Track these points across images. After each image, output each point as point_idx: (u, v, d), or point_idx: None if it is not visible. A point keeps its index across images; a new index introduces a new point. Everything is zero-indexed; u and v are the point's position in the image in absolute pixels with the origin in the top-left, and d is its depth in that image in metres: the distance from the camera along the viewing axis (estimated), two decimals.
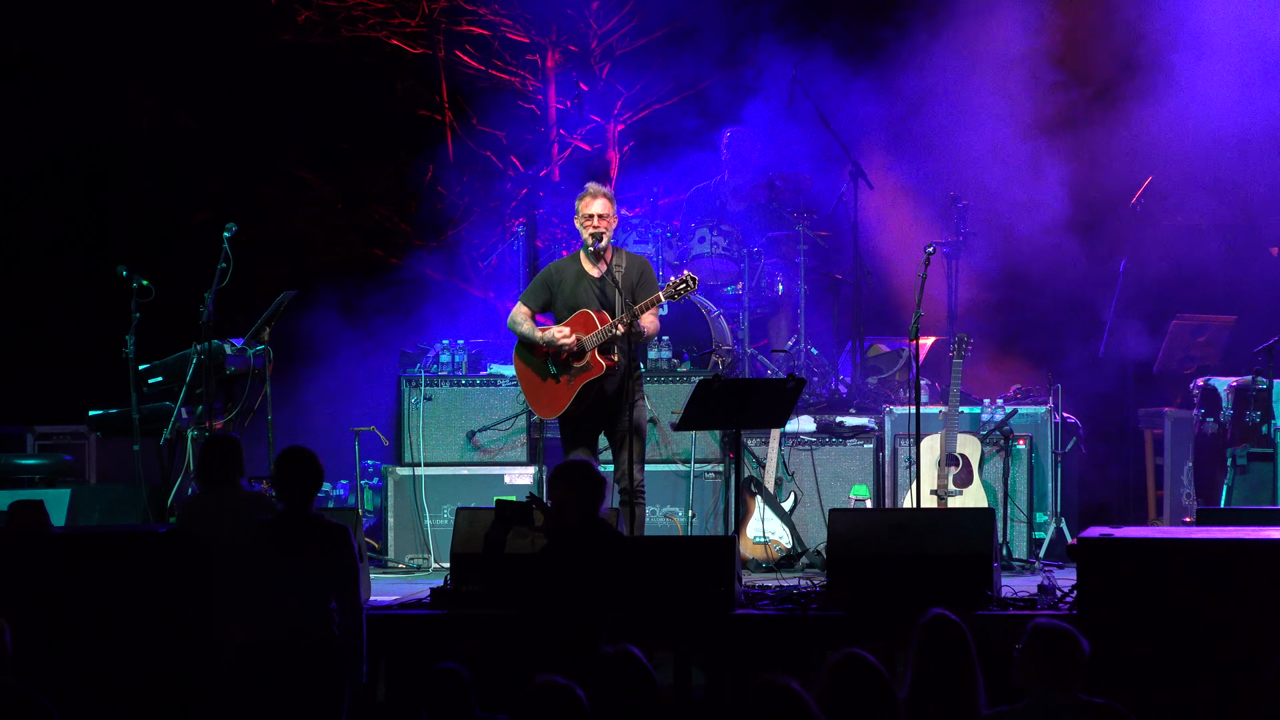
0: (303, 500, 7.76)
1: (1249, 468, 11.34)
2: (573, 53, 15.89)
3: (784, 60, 13.17)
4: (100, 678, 8.36)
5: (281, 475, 7.80)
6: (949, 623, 6.45)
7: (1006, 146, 13.02)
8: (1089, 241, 13.02)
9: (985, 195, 12.89)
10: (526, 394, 10.48)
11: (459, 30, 15.79)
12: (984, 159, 13.09)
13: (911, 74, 13.31)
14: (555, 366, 10.22)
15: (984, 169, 13.03)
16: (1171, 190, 12.93)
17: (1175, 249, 12.94)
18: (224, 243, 10.99)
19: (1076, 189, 13.11)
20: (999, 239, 13.08)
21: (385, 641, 8.89)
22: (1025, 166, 12.97)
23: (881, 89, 13.51)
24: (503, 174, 15.61)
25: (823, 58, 13.57)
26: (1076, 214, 13.09)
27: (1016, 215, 13.07)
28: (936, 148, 13.41)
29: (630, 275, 10.21)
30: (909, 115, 13.51)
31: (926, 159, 13.52)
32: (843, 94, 13.43)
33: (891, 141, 13.58)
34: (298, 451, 7.84)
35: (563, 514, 7.79)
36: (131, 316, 11.10)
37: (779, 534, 11.47)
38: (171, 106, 15.56)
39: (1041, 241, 12.97)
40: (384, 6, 15.68)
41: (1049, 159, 13.05)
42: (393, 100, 15.86)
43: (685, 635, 8.90)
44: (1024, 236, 13.08)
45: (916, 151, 13.52)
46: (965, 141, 13.25)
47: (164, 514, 10.85)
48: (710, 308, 12.43)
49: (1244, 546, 8.00)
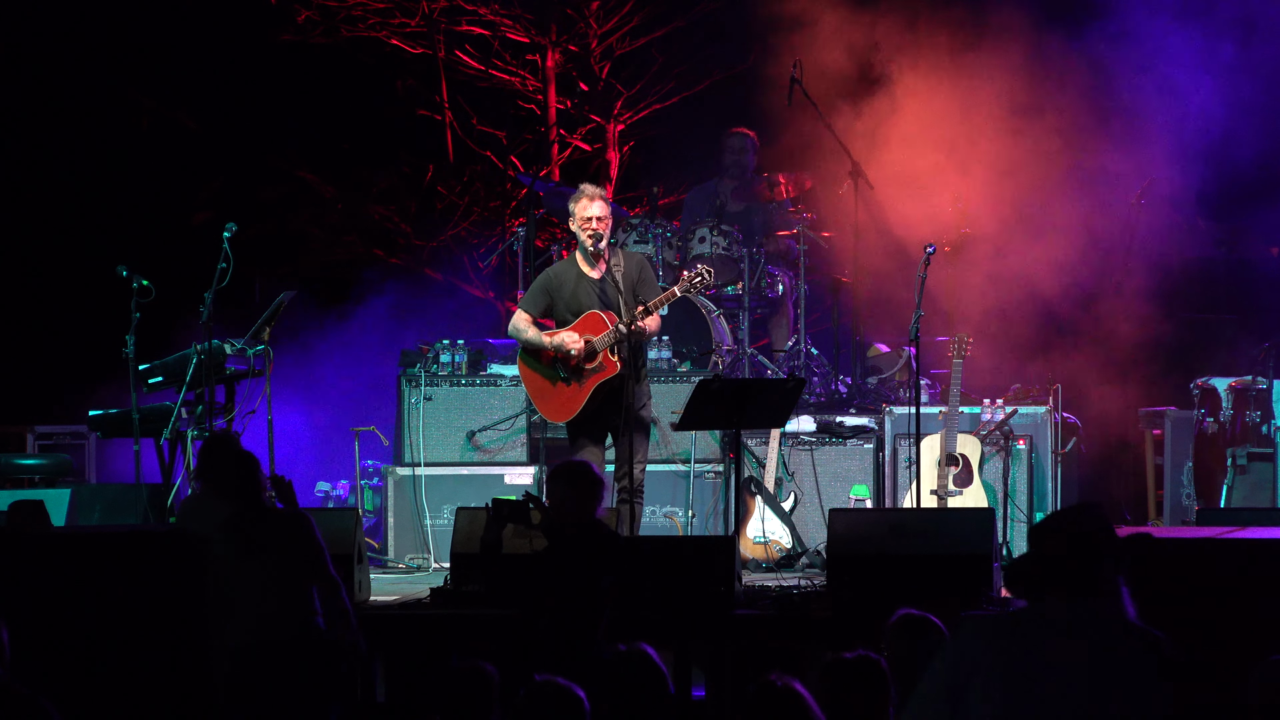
0: (247, 494, 7.55)
1: (1249, 468, 11.34)
2: (573, 53, 15.90)
3: (784, 60, 13.15)
4: (100, 678, 8.35)
5: (205, 468, 7.61)
6: (920, 621, 6.45)
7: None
8: (1089, 241, 13.01)
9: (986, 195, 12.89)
10: (535, 400, 10.45)
11: (459, 30, 15.81)
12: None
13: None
14: (564, 370, 10.21)
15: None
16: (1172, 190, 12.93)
17: (1174, 248, 12.93)
18: (224, 243, 10.99)
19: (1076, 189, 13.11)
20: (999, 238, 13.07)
21: (385, 641, 8.89)
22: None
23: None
24: (503, 174, 15.62)
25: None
26: (1077, 213, 13.09)
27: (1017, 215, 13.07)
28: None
29: (630, 274, 10.21)
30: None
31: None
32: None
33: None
34: (216, 440, 7.68)
35: (560, 514, 7.79)
36: (131, 316, 11.10)
37: (779, 534, 11.46)
38: (171, 106, 15.57)
39: (1042, 241, 12.96)
40: (384, 6, 15.69)
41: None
42: (393, 100, 15.86)
43: (685, 635, 8.90)
44: (1024, 236, 13.08)
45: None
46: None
47: (164, 514, 10.84)
48: (710, 308, 12.43)
49: (1244, 546, 8.00)
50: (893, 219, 13.03)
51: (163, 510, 10.91)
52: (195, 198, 15.53)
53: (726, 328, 12.49)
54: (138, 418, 11.15)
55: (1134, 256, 12.78)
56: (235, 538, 7.56)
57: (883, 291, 13.06)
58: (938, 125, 12.76)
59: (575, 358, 10.10)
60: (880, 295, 13.09)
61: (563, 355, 10.14)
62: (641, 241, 12.47)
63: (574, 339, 10.12)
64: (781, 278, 12.84)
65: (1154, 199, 12.78)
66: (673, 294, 10.15)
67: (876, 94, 12.84)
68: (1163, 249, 12.95)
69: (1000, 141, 12.78)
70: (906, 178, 12.67)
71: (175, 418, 11.24)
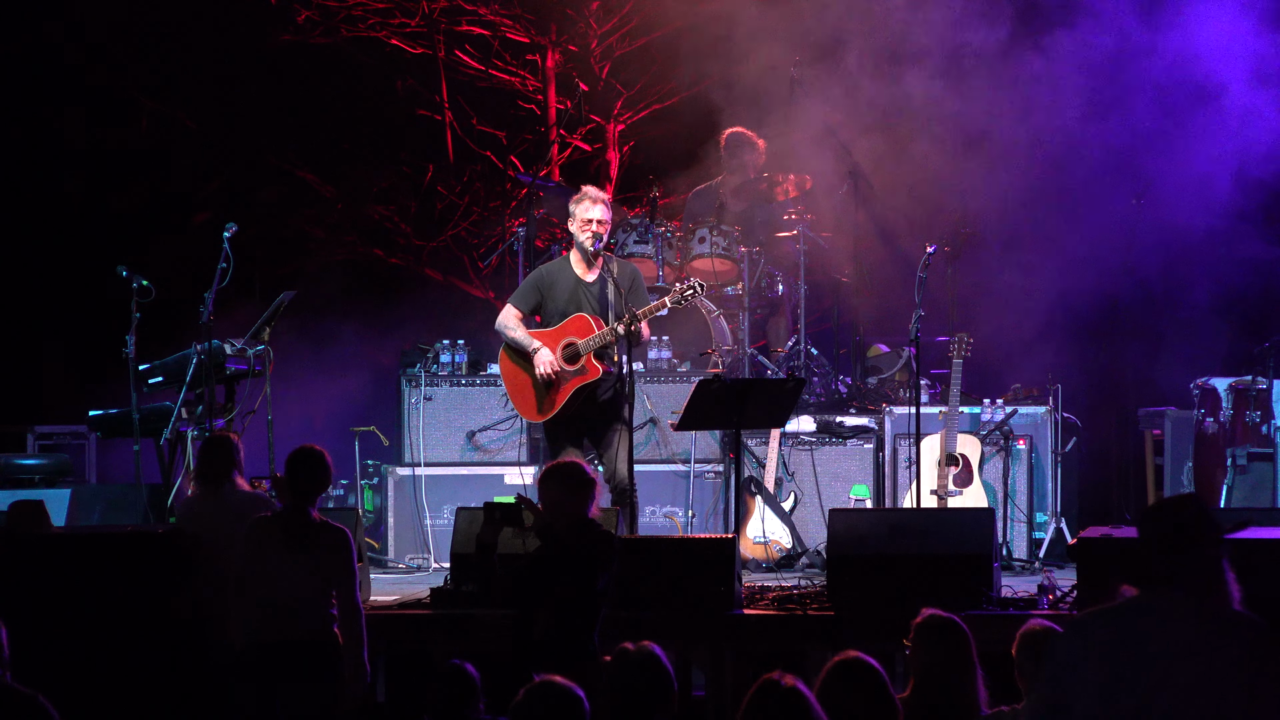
0: (304, 499, 7.77)
1: (1249, 468, 11.34)
2: (573, 53, 15.90)
3: (784, 59, 13.15)
4: (100, 678, 8.35)
5: (288, 473, 7.82)
6: (945, 622, 6.45)
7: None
8: (1091, 240, 13.01)
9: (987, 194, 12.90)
10: (512, 395, 10.47)
11: (459, 30, 15.80)
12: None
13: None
14: None
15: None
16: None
17: (1175, 248, 12.94)
18: (224, 243, 10.99)
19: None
20: (1000, 238, 13.08)
21: (385, 641, 8.89)
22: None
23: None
24: (503, 174, 15.62)
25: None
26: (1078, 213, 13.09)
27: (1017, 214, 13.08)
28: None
29: (621, 282, 10.20)
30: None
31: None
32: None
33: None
34: (307, 452, 7.87)
35: (552, 514, 7.79)
36: (131, 316, 11.10)
37: (779, 534, 11.47)
38: (171, 106, 15.57)
39: (1043, 241, 12.97)
40: (384, 6, 15.69)
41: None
42: (393, 100, 15.86)
43: (685, 635, 8.90)
44: (1025, 236, 13.09)
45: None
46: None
47: (164, 514, 10.84)
48: (710, 308, 12.43)
49: (1244, 546, 7.99)
50: (893, 218, 13.07)
51: (163, 510, 10.91)
52: (195, 198, 15.53)
53: (726, 328, 12.49)
54: (138, 418, 11.15)
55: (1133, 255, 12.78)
56: (277, 536, 7.65)
57: (883, 291, 13.07)
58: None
59: (545, 375, 10.12)
60: (880, 295, 13.10)
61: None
62: (641, 242, 12.47)
63: (545, 360, 10.12)
64: (781, 278, 12.84)
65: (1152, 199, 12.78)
66: (662, 304, 10.14)
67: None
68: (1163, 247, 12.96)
69: (1001, 142, 12.81)
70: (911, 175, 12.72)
71: (175, 418, 11.24)
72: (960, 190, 12.70)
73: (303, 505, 7.75)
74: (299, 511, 7.74)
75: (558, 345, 10.22)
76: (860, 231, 12.72)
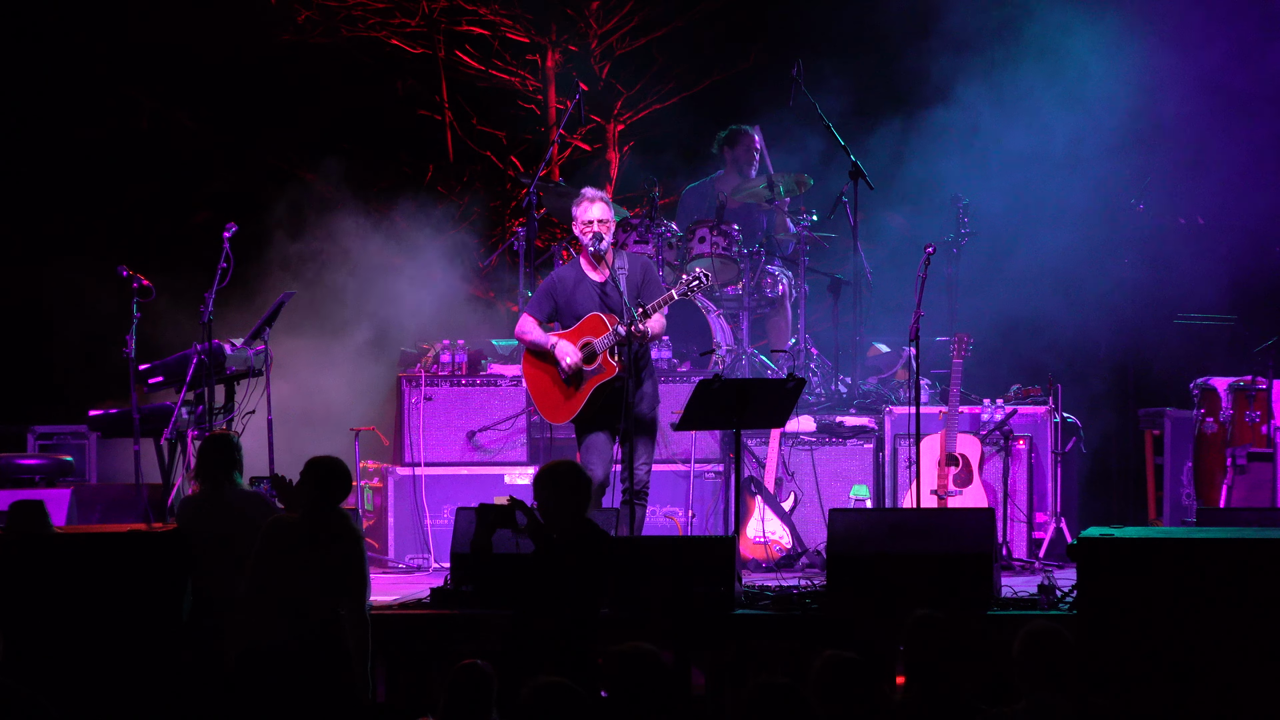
0: (320, 506, 7.79)
1: (1249, 468, 11.34)
2: (573, 53, 15.90)
3: (784, 59, 13.14)
4: (100, 678, 8.35)
5: (318, 482, 7.86)
6: (938, 620, 6.45)
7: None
8: (1091, 241, 13.01)
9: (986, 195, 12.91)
10: (536, 400, 10.51)
11: (459, 30, 15.80)
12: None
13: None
14: (565, 372, 10.24)
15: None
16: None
17: (1174, 248, 12.94)
18: (224, 243, 10.99)
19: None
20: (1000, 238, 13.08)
21: (385, 641, 8.89)
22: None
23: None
24: (503, 174, 15.62)
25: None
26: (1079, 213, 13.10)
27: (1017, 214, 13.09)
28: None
29: (634, 276, 10.26)
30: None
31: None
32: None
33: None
34: (334, 462, 7.92)
35: (546, 516, 7.79)
36: (131, 316, 11.10)
37: (779, 534, 11.47)
38: (171, 106, 15.56)
39: (1043, 240, 12.98)
40: (384, 6, 15.69)
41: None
42: (393, 100, 15.86)
43: (685, 635, 8.90)
44: (1025, 236, 13.09)
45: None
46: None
47: (164, 514, 10.85)
48: (710, 308, 12.43)
49: (1244, 546, 7.99)
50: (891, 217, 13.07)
51: (163, 510, 10.92)
52: (195, 198, 15.52)
53: (727, 327, 12.49)
54: (138, 418, 11.15)
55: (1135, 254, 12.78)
56: (291, 538, 7.68)
57: (883, 291, 13.07)
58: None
59: (566, 371, 10.15)
60: (880, 295, 13.09)
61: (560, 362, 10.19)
62: (641, 242, 12.46)
63: (567, 351, 10.16)
64: (781, 277, 12.84)
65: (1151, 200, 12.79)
66: (670, 297, 10.17)
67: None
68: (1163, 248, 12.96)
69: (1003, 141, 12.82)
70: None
71: (175, 418, 11.25)
72: (960, 190, 12.69)
73: (318, 511, 7.77)
74: (316, 516, 7.77)
75: (575, 345, 10.27)
76: (860, 231, 12.70)
